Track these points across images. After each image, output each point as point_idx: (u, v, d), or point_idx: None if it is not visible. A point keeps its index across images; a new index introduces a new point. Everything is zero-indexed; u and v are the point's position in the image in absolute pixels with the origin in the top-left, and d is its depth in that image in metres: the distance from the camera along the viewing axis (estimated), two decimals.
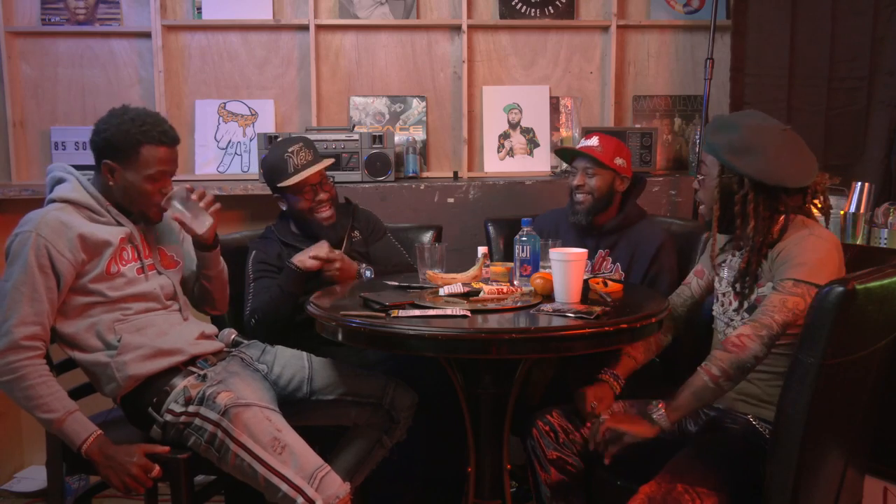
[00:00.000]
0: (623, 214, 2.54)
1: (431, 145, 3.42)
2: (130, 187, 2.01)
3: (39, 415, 1.89)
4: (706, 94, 3.14)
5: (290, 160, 2.43)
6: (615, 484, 1.95)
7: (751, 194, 1.85)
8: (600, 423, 1.87)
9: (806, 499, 1.64)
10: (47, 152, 3.26)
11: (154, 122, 2.00)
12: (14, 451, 3.28)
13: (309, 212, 2.47)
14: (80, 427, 1.91)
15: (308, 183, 2.44)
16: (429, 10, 3.38)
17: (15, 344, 1.86)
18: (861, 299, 1.56)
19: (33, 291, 1.87)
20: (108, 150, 1.99)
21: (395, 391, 2.20)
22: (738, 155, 1.84)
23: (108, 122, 2.00)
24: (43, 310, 1.89)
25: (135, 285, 2.03)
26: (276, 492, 1.85)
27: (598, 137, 2.51)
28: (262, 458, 1.87)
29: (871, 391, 1.75)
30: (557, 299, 1.99)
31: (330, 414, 2.21)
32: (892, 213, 2.62)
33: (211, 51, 3.32)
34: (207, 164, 3.30)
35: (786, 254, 1.83)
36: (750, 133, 1.87)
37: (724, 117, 2.01)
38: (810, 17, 3.14)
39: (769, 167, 1.83)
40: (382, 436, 2.23)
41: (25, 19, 3.25)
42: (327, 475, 1.87)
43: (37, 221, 1.91)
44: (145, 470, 1.91)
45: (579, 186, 2.49)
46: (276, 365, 2.19)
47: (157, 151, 1.99)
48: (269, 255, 2.47)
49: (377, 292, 2.10)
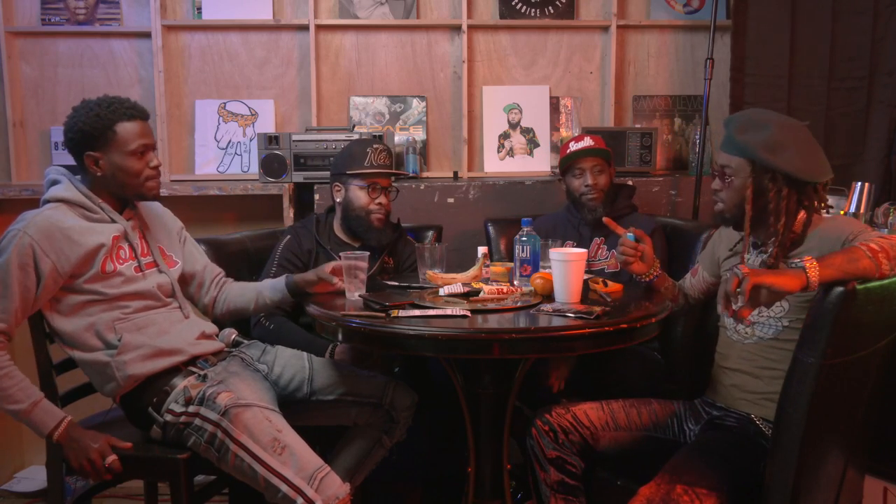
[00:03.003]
0: (616, 205, 2.66)
1: (431, 145, 3.42)
2: (118, 170, 2.00)
3: (5, 406, 1.89)
4: (706, 94, 3.14)
5: (370, 154, 2.46)
6: (615, 484, 1.95)
7: (785, 190, 1.84)
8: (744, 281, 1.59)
9: (806, 499, 1.64)
10: (47, 152, 3.26)
11: (119, 100, 2.01)
12: (14, 451, 3.28)
13: (363, 208, 2.47)
14: (48, 416, 1.92)
15: (377, 181, 2.47)
16: (429, 10, 3.38)
17: None
18: (861, 299, 1.56)
19: (5, 288, 1.88)
20: (85, 141, 1.99)
21: (394, 391, 2.20)
22: (775, 152, 1.83)
23: (75, 116, 2.01)
24: (11, 307, 1.89)
25: (132, 283, 2.03)
26: (275, 492, 1.85)
27: (589, 137, 2.64)
28: (262, 458, 1.87)
29: (871, 391, 1.75)
30: (557, 299, 1.99)
31: (330, 414, 2.21)
32: (892, 213, 2.63)
33: (211, 51, 3.32)
34: (207, 164, 3.30)
35: (832, 234, 1.81)
36: (781, 130, 1.87)
37: (745, 116, 1.97)
38: (810, 17, 3.14)
39: (804, 163, 1.84)
40: (382, 436, 2.23)
41: (25, 19, 3.25)
42: (327, 476, 1.87)
43: (28, 220, 1.93)
44: (102, 455, 1.92)
45: (592, 186, 2.58)
46: (276, 365, 2.19)
47: (133, 126, 2.00)
48: (301, 246, 2.48)
49: (377, 292, 2.10)
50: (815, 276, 1.59)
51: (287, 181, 3.07)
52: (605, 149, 2.62)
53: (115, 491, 2.47)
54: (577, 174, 2.61)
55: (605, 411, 2.05)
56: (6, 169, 3.25)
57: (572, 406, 2.05)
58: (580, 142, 2.61)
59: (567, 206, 2.73)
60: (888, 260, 1.63)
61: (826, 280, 1.59)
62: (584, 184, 2.59)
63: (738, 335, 1.95)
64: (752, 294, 1.59)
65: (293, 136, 3.06)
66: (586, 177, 2.59)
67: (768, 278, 1.59)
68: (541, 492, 2.03)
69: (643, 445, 2.02)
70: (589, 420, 2.02)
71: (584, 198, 2.60)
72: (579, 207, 2.64)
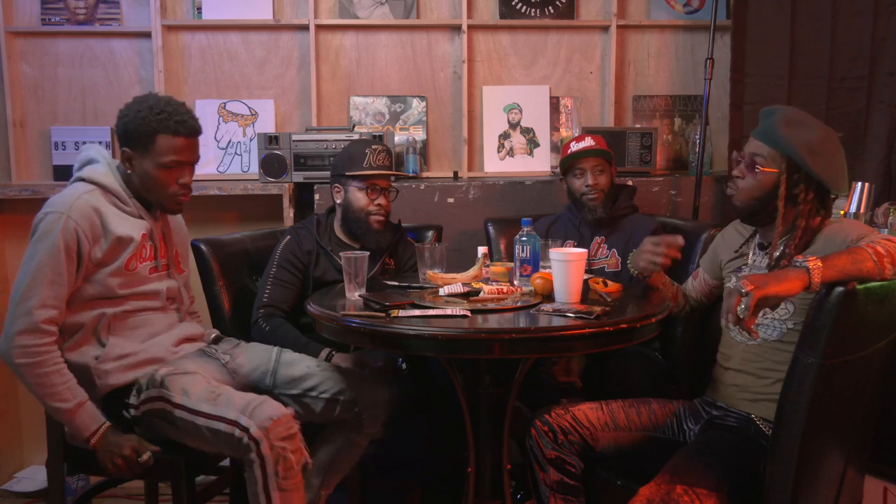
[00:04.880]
0: (616, 205, 2.66)
1: (431, 145, 3.42)
2: (146, 175, 2.00)
3: (51, 403, 1.88)
4: (706, 94, 3.14)
5: (369, 155, 2.46)
6: (615, 484, 1.95)
7: (811, 195, 1.85)
8: (747, 297, 1.59)
9: (806, 499, 1.64)
10: (47, 152, 3.26)
11: (173, 111, 1.98)
12: (14, 451, 3.28)
13: (363, 210, 2.47)
14: (90, 419, 1.91)
15: (376, 182, 2.46)
16: (429, 10, 3.38)
17: (35, 326, 1.85)
18: (861, 299, 1.56)
19: (56, 274, 1.86)
20: (126, 137, 1.99)
21: (359, 388, 2.15)
22: (815, 156, 1.83)
23: (128, 110, 1.99)
24: (62, 294, 1.88)
25: (144, 284, 2.03)
26: (217, 436, 1.85)
27: (589, 137, 2.64)
28: (199, 409, 1.87)
29: (871, 391, 1.75)
30: (557, 299, 1.99)
31: (299, 411, 2.16)
32: (892, 213, 2.62)
33: (211, 51, 3.32)
34: (207, 164, 3.30)
35: (838, 236, 1.81)
36: (825, 135, 1.87)
37: (791, 111, 1.93)
38: (810, 17, 3.14)
39: (836, 174, 1.85)
40: (350, 434, 2.19)
41: (25, 19, 3.25)
42: (262, 403, 1.86)
43: (69, 204, 1.90)
44: (136, 452, 1.91)
45: (593, 185, 2.57)
46: (239, 356, 2.19)
47: (174, 141, 1.98)
48: (300, 247, 2.48)
49: (377, 292, 2.10)
50: (818, 277, 1.60)
51: (287, 181, 3.07)
52: (606, 149, 2.62)
53: (115, 491, 2.47)
54: (578, 174, 2.62)
55: (604, 411, 2.04)
56: (6, 169, 3.25)
57: (571, 406, 2.05)
58: (581, 142, 2.62)
59: (568, 206, 2.73)
60: (892, 265, 1.63)
61: (828, 280, 1.59)
62: (584, 184, 2.60)
63: (742, 336, 1.95)
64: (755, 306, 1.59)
65: (293, 136, 3.07)
66: (587, 177, 2.59)
67: (771, 289, 1.59)
68: (540, 492, 2.03)
69: (643, 445, 2.02)
70: (588, 420, 2.02)
71: (585, 198, 2.61)
72: (580, 207, 2.65)
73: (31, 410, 3.23)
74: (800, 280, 1.60)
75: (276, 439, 1.82)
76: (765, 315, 1.89)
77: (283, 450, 1.82)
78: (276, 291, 2.41)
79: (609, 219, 2.64)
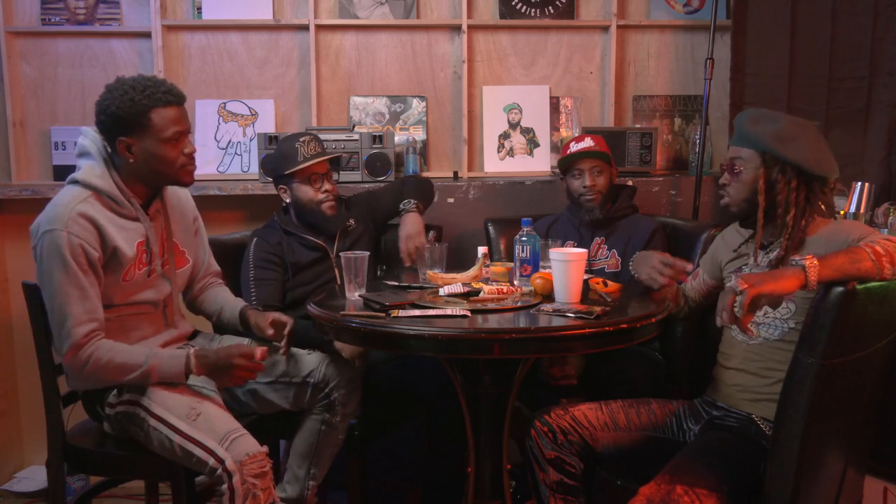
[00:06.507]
0: (616, 206, 2.66)
1: (431, 145, 3.42)
2: (152, 157, 1.94)
3: (132, 376, 1.90)
4: (706, 94, 3.14)
5: (300, 149, 2.50)
6: (615, 484, 1.95)
7: (794, 182, 1.85)
8: (742, 295, 1.60)
9: (806, 499, 1.64)
10: (47, 152, 3.26)
11: (155, 84, 1.93)
12: (14, 451, 3.28)
13: (312, 202, 2.52)
14: (173, 359, 1.93)
15: (315, 172, 2.51)
16: (429, 10, 3.38)
17: (77, 344, 1.87)
18: (861, 299, 1.56)
19: (80, 289, 1.86)
20: (118, 125, 1.92)
21: (327, 368, 2.19)
22: (785, 143, 1.84)
23: (109, 98, 1.92)
24: (94, 306, 1.89)
25: (139, 292, 2.02)
26: (190, 458, 1.86)
27: (589, 137, 2.64)
28: (177, 426, 1.88)
29: (871, 391, 1.75)
30: (557, 299, 1.99)
31: (271, 399, 2.21)
32: (892, 213, 2.63)
33: (211, 51, 3.32)
34: (207, 164, 3.29)
35: (838, 236, 1.80)
36: (791, 124, 1.89)
37: (756, 111, 1.98)
38: (810, 17, 3.14)
39: (813, 155, 1.85)
40: (326, 415, 2.21)
41: (25, 19, 3.24)
42: (241, 437, 1.87)
43: (65, 219, 1.86)
44: (248, 357, 1.94)
45: (590, 187, 2.57)
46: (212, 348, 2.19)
47: (168, 112, 1.93)
48: (269, 243, 2.51)
49: (377, 292, 2.10)
50: (814, 276, 1.59)
51: None
52: (605, 151, 2.61)
53: (115, 491, 2.47)
54: (577, 175, 2.61)
55: (604, 412, 2.05)
56: (6, 169, 3.25)
57: (571, 407, 2.06)
58: (580, 142, 2.61)
59: (568, 207, 2.73)
60: (891, 265, 1.63)
61: (825, 280, 1.59)
62: (582, 185, 2.60)
63: (743, 335, 1.95)
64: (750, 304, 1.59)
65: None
66: (585, 178, 2.59)
67: (766, 287, 1.59)
68: (540, 492, 2.03)
69: (643, 446, 2.02)
70: (588, 421, 2.02)
71: (583, 198, 2.61)
72: (578, 208, 2.65)
73: (31, 410, 3.22)
74: (796, 278, 1.60)
75: (248, 475, 1.84)
76: (766, 314, 1.89)
77: (254, 486, 1.84)
78: (262, 291, 2.43)
79: (609, 219, 2.64)
